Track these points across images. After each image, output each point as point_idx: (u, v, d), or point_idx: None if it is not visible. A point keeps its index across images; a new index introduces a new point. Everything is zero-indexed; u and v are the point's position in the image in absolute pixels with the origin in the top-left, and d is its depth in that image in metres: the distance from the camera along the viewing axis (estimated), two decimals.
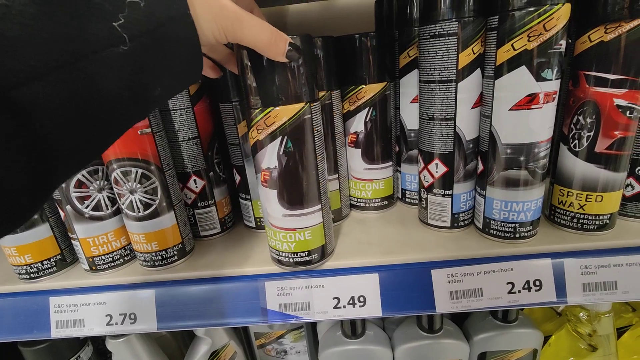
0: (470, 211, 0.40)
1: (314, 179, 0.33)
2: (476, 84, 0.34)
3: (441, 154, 0.37)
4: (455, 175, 0.37)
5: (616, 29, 0.30)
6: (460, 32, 0.32)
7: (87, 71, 0.17)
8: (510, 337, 0.44)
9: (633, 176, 0.37)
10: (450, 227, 0.40)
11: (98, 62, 0.17)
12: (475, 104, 0.35)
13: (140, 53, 0.18)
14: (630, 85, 0.31)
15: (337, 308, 0.36)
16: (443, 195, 0.39)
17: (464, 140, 0.36)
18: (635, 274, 0.34)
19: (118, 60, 0.17)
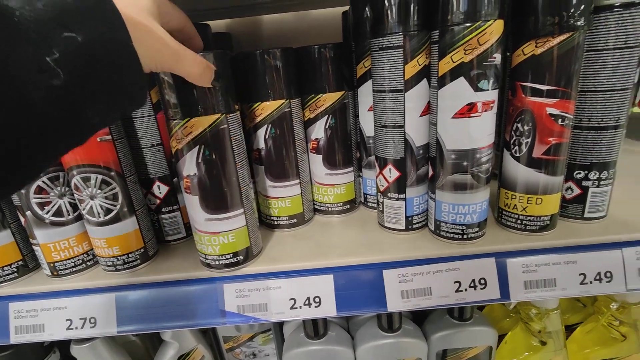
0: (424, 214, 0.41)
1: (234, 185, 0.36)
2: (423, 94, 0.36)
3: (394, 159, 0.39)
4: (407, 180, 0.39)
5: (545, 43, 0.32)
6: (405, 45, 0.34)
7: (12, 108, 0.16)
8: (466, 335, 0.45)
9: (572, 180, 0.39)
10: (405, 229, 0.41)
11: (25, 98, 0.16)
12: (424, 112, 0.37)
13: (74, 86, 0.18)
14: (560, 95, 0.33)
15: (293, 309, 0.37)
16: (397, 199, 0.40)
17: (414, 147, 0.38)
18: (572, 272, 0.36)
19: (51, 93, 0.17)
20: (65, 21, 0.17)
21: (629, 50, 0.33)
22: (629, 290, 0.36)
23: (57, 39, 0.17)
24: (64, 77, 0.17)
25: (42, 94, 0.17)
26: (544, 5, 0.31)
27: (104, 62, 0.19)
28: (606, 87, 0.35)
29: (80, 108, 0.19)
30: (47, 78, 0.17)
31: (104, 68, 0.19)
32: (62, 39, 0.17)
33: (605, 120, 0.36)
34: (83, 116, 0.19)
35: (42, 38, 0.16)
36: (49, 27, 0.17)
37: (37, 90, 0.16)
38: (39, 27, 0.16)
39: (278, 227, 0.46)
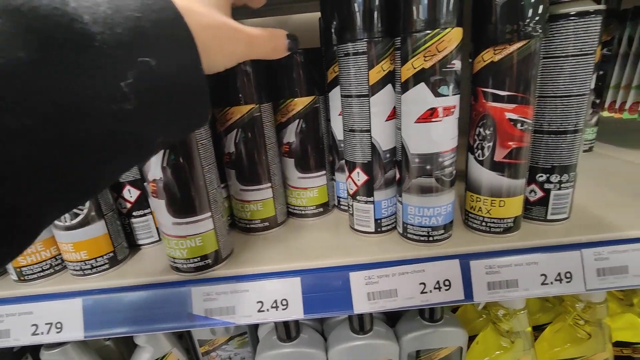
0: (393, 217, 0.42)
1: (201, 189, 0.36)
2: (388, 99, 0.37)
3: (361, 163, 0.40)
4: (375, 183, 0.40)
5: (502, 51, 0.33)
6: (369, 52, 0.35)
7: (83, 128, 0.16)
8: (436, 336, 0.46)
9: (535, 182, 0.40)
10: (375, 232, 0.42)
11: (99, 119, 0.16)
12: (389, 117, 0.38)
13: (144, 111, 0.18)
14: (518, 101, 0.34)
15: (261, 312, 0.37)
16: (366, 202, 0.41)
17: (381, 151, 0.38)
18: (534, 273, 0.37)
19: (120, 117, 0.17)
20: (141, 46, 0.17)
21: (585, 57, 0.34)
22: (587, 291, 0.37)
23: (132, 63, 0.17)
24: (135, 102, 0.17)
25: (111, 116, 0.17)
26: (501, 14, 0.32)
27: (173, 85, 0.19)
28: (564, 93, 0.36)
29: (146, 129, 0.19)
30: (119, 102, 0.17)
31: (172, 91, 0.19)
32: (136, 64, 0.17)
33: (564, 125, 0.37)
34: (147, 137, 0.19)
35: (119, 63, 0.16)
36: (125, 52, 0.17)
37: (107, 113, 0.16)
38: (117, 52, 0.16)
39: (251, 230, 0.46)
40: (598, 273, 0.37)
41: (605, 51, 0.58)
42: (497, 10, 0.32)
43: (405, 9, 0.32)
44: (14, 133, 0.14)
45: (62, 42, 0.15)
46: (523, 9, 0.31)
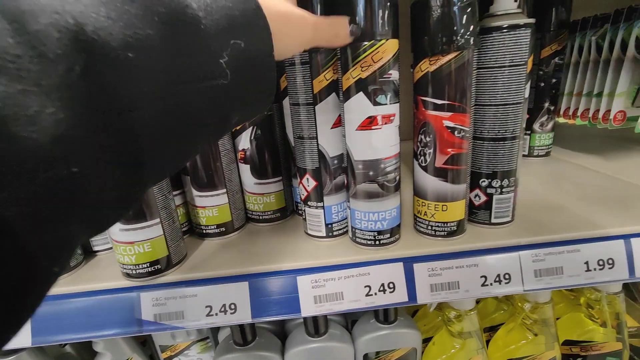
0: (344, 221, 0.43)
1: (148, 195, 0.36)
2: (332, 107, 0.38)
3: (310, 169, 0.41)
4: (324, 189, 0.41)
5: (437, 61, 0.34)
6: (311, 61, 0.36)
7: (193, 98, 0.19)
8: (390, 338, 0.47)
9: (479, 187, 0.41)
10: (326, 236, 0.43)
11: (201, 92, 0.19)
12: (335, 124, 0.39)
13: (233, 87, 0.21)
14: (454, 109, 0.36)
15: (209, 316, 0.38)
16: (316, 207, 0.42)
17: (328, 157, 0.40)
18: (474, 274, 0.38)
19: (217, 91, 0.20)
20: (232, 30, 0.20)
21: (516, 68, 0.36)
22: (525, 291, 0.39)
23: (227, 44, 0.20)
24: (228, 77, 0.20)
25: (209, 92, 0.19)
26: (434, 26, 0.34)
27: (254, 67, 0.22)
28: (500, 102, 0.37)
29: (231, 105, 0.22)
30: (217, 77, 0.19)
31: (253, 72, 0.22)
32: (230, 45, 0.20)
33: (502, 132, 0.38)
34: (229, 113, 0.22)
35: (219, 43, 0.19)
36: (222, 34, 0.19)
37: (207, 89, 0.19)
38: (217, 34, 0.19)
39: (207, 235, 0.47)
40: (535, 274, 0.38)
41: (558, 60, 0.61)
42: (431, 23, 0.34)
43: None
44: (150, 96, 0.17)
45: (179, 24, 0.18)
46: (454, 22, 0.33)
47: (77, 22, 0.14)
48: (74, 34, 0.14)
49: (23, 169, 0.12)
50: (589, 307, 0.50)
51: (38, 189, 0.13)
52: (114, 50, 0.15)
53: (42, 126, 0.13)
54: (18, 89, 0.12)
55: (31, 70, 0.13)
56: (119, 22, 0.15)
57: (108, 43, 0.15)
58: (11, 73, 0.12)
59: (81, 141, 0.14)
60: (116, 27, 0.15)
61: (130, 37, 0.15)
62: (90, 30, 0.14)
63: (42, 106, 0.13)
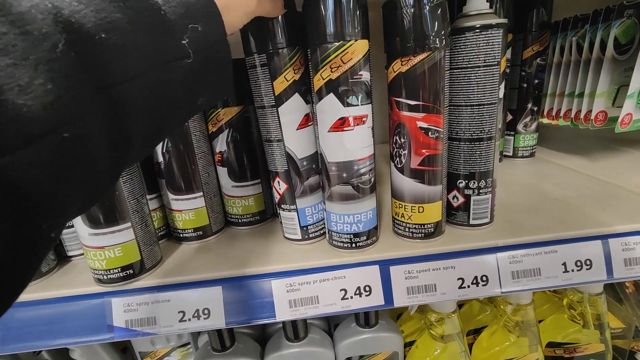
0: (320, 223, 0.43)
1: (118, 198, 0.36)
2: (296, 108, 0.37)
3: (280, 172, 0.40)
4: (295, 191, 0.40)
5: (408, 62, 0.34)
6: (270, 63, 0.36)
7: (164, 78, 0.21)
8: (371, 342, 0.46)
9: (456, 189, 0.41)
10: (302, 239, 0.42)
11: (171, 71, 0.21)
12: (301, 125, 0.38)
13: (197, 67, 0.23)
14: (427, 110, 0.35)
15: (182, 321, 0.37)
16: (289, 210, 0.41)
17: (297, 159, 0.39)
18: (451, 277, 0.38)
19: (183, 71, 0.22)
20: (190, 16, 0.22)
21: (490, 68, 0.36)
22: (503, 293, 0.38)
23: (186, 29, 0.22)
24: (192, 57, 0.22)
25: (178, 72, 0.22)
26: (404, 27, 0.33)
27: (212, 49, 0.24)
28: (474, 102, 0.37)
29: (196, 88, 0.24)
30: (182, 57, 0.22)
31: (212, 53, 0.24)
32: (189, 29, 0.22)
33: (477, 132, 0.38)
34: (197, 95, 0.24)
35: (179, 27, 0.22)
36: (182, 20, 0.22)
37: (175, 69, 0.21)
38: (176, 19, 0.21)
39: (184, 239, 0.46)
40: (513, 276, 0.38)
41: (540, 61, 0.61)
42: (401, 23, 0.33)
43: (310, 22, 0.33)
44: (129, 72, 0.19)
45: (142, 9, 0.20)
46: (424, 23, 0.33)
47: (54, 6, 0.16)
48: (54, 16, 0.16)
49: (22, 133, 0.14)
50: (571, 309, 0.49)
51: (37, 153, 0.14)
52: (89, 31, 0.17)
53: (34, 95, 0.14)
54: (7, 62, 0.14)
55: (18, 45, 0.14)
56: (90, 7, 0.17)
57: (83, 25, 0.17)
58: (0, 49, 0.14)
59: (70, 110, 0.16)
60: (88, 11, 0.17)
61: (101, 20, 0.17)
62: (66, 13, 0.16)
63: (32, 77, 0.14)
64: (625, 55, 0.51)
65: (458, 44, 0.36)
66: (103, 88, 0.17)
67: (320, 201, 0.42)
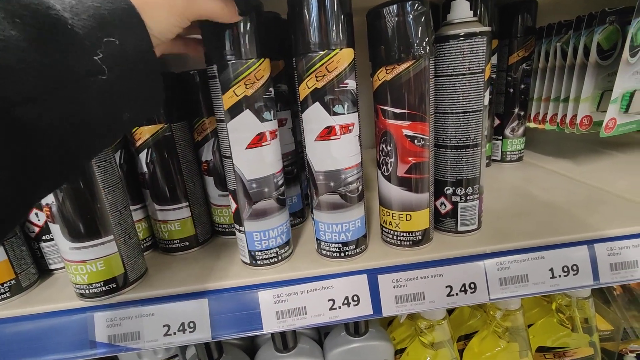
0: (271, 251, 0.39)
1: (100, 211, 0.35)
2: (246, 125, 0.34)
3: (231, 190, 0.38)
4: (242, 213, 0.37)
5: (393, 70, 0.34)
6: (220, 76, 0.33)
7: (73, 97, 0.19)
8: (361, 350, 0.46)
9: (444, 195, 0.41)
10: (250, 264, 0.39)
11: (82, 89, 0.20)
12: (251, 145, 0.35)
13: (115, 82, 0.21)
14: (413, 118, 0.35)
15: (167, 335, 0.36)
16: (239, 231, 0.39)
17: (245, 180, 0.36)
18: (439, 285, 0.38)
19: (98, 88, 0.20)
20: (105, 29, 0.21)
21: (475, 76, 0.36)
22: (491, 300, 0.38)
23: (100, 42, 0.20)
24: (108, 74, 0.21)
25: (91, 89, 0.20)
26: (388, 35, 0.33)
27: (133, 61, 0.22)
28: (460, 110, 0.37)
29: (117, 104, 0.22)
30: (95, 73, 0.20)
31: (133, 66, 0.22)
32: (104, 43, 0.21)
33: (463, 140, 0.38)
34: (119, 114, 0.23)
35: (91, 42, 0.20)
36: (94, 33, 0.20)
37: (87, 86, 0.20)
38: (87, 33, 0.20)
39: (171, 250, 0.45)
40: (501, 282, 0.38)
41: (525, 66, 0.61)
42: (385, 32, 0.33)
43: (295, 31, 0.33)
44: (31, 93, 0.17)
45: (44, 25, 0.18)
46: (408, 31, 0.33)
47: None
48: None
49: None
50: (559, 312, 0.49)
51: None
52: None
53: None
54: None
55: None
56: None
57: None
58: None
59: None
60: None
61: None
62: None
63: None
64: (608, 61, 0.52)
65: (442, 52, 0.36)
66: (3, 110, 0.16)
67: (274, 227, 0.38)
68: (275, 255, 0.39)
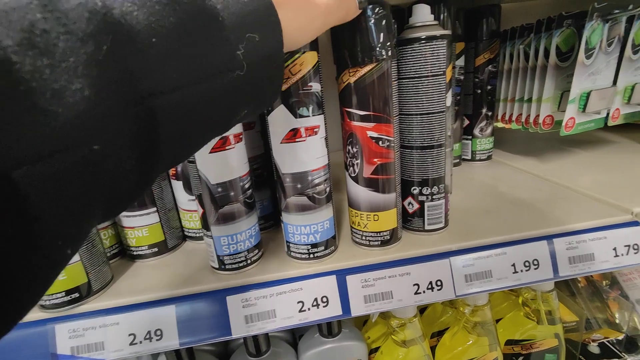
0: (240, 255, 0.38)
1: None
2: None
3: (196, 194, 0.37)
4: (209, 218, 0.37)
5: (356, 73, 0.35)
6: None
7: (208, 90, 0.19)
8: (334, 351, 0.46)
9: (411, 195, 0.42)
10: (219, 269, 0.39)
11: (218, 83, 0.19)
12: (215, 149, 0.34)
13: (247, 79, 0.21)
14: (377, 119, 0.36)
15: (133, 344, 0.36)
16: (207, 236, 0.38)
17: (209, 184, 0.36)
18: (407, 283, 0.38)
19: (232, 83, 0.20)
20: (248, 24, 0.21)
21: (436, 78, 0.37)
22: (457, 296, 0.39)
23: (243, 38, 0.20)
24: (244, 70, 0.20)
25: (225, 84, 0.20)
26: (350, 38, 0.34)
27: (267, 61, 0.22)
28: (423, 111, 0.38)
29: (241, 101, 0.22)
30: (234, 69, 0.20)
31: (266, 66, 0.22)
32: (246, 38, 0.20)
33: (427, 140, 0.39)
34: (239, 110, 0.23)
35: (235, 36, 0.20)
36: (239, 28, 0.20)
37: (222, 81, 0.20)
38: (233, 27, 0.20)
39: (138, 257, 0.44)
40: (466, 279, 0.39)
41: (491, 68, 0.63)
42: (347, 35, 0.34)
43: None
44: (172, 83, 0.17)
45: (199, 14, 0.18)
46: (369, 34, 0.33)
47: (104, 5, 0.15)
48: (102, 16, 0.15)
49: (46, 143, 0.13)
50: (525, 306, 0.51)
51: (60, 165, 0.13)
52: (138, 35, 0.16)
53: (67, 102, 0.13)
54: (45, 63, 0.13)
55: (59, 46, 0.13)
56: (143, 8, 0.16)
57: (133, 27, 0.16)
58: (39, 47, 0.12)
59: (104, 120, 0.14)
60: (140, 14, 0.16)
61: (153, 24, 0.16)
62: (117, 13, 0.15)
63: (68, 82, 0.13)
64: (567, 63, 0.54)
65: (405, 55, 0.37)
66: (142, 98, 0.16)
67: (242, 231, 0.38)
68: (244, 259, 0.39)
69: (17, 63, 0.12)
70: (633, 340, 0.57)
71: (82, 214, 0.15)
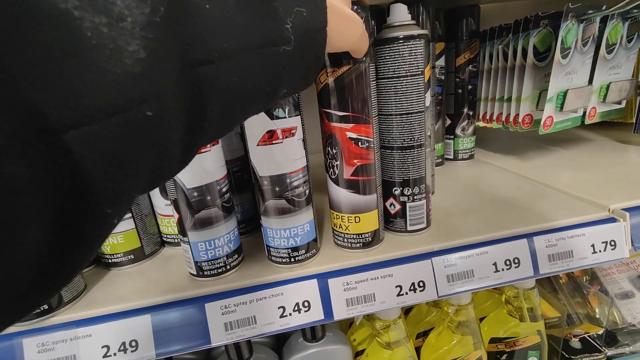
0: (218, 261, 0.38)
1: None
2: None
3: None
4: (185, 223, 0.36)
5: (334, 73, 0.34)
6: None
7: (256, 62, 0.19)
8: (318, 356, 0.46)
9: (392, 196, 0.42)
10: (197, 275, 0.38)
11: (265, 56, 0.19)
12: None
13: (293, 55, 0.20)
14: (356, 120, 0.35)
15: (106, 357, 0.34)
16: (184, 242, 0.38)
17: (185, 189, 0.35)
18: (389, 285, 0.38)
19: (278, 58, 0.20)
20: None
21: (414, 78, 0.37)
22: (440, 297, 0.39)
23: (291, 11, 0.20)
24: (292, 44, 0.20)
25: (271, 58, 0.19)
26: None
27: (312, 37, 0.22)
28: (402, 111, 0.38)
29: (283, 78, 0.21)
30: (281, 43, 0.20)
31: (311, 42, 0.22)
32: (294, 12, 0.20)
33: (407, 140, 0.39)
34: (281, 84, 0.22)
35: (284, 9, 0.20)
36: (288, 1, 0.20)
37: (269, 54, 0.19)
38: (283, 2, 0.20)
39: (114, 265, 0.43)
40: (448, 279, 0.39)
41: (472, 68, 0.64)
42: None
43: None
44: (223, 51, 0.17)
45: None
46: None
47: None
48: None
49: (103, 103, 0.12)
50: (508, 304, 0.51)
51: (115, 127, 0.13)
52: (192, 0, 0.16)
53: (124, 62, 0.13)
54: (104, 21, 0.12)
55: (117, 4, 0.13)
56: None
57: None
58: (98, 6, 0.12)
59: (158, 85, 0.14)
60: None
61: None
62: None
63: (125, 42, 0.13)
64: (544, 62, 0.55)
65: (383, 55, 0.36)
66: (193, 65, 0.16)
67: (220, 236, 0.37)
68: (223, 265, 0.38)
69: (78, 19, 0.12)
70: (613, 334, 0.59)
71: (132, 182, 0.15)
